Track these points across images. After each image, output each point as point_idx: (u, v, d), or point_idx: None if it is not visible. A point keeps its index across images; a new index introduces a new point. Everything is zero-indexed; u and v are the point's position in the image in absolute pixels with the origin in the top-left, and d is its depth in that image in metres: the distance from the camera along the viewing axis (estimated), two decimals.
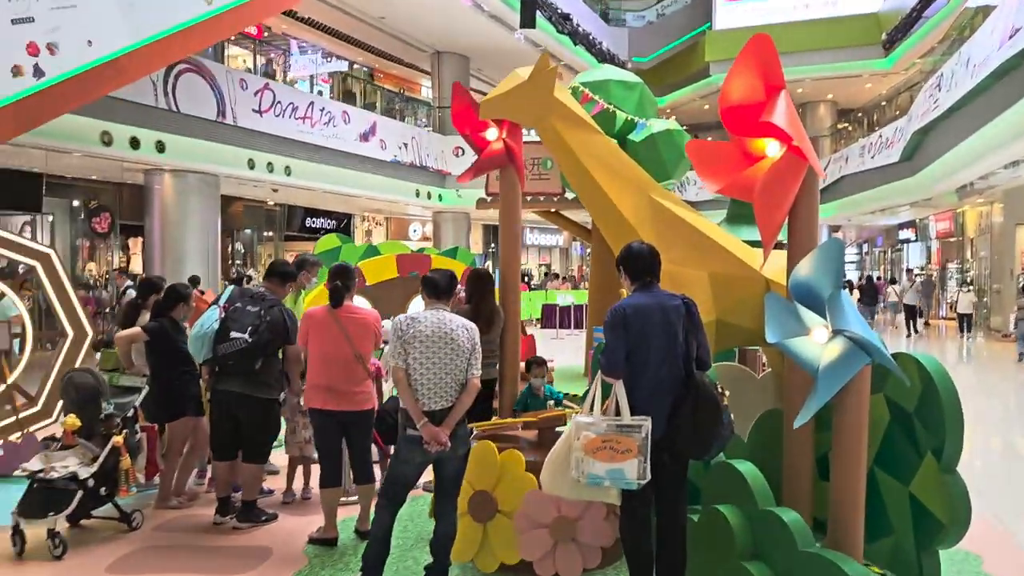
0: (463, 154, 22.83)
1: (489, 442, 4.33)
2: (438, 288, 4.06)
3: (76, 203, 18.00)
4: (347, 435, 4.88)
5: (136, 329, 5.59)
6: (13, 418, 6.05)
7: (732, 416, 3.77)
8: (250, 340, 4.95)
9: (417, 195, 21.76)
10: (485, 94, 5.04)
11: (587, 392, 3.91)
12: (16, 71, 8.96)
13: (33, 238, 16.62)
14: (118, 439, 4.93)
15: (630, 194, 4.90)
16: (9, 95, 8.78)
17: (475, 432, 4.45)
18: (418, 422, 3.78)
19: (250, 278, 17.10)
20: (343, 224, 25.76)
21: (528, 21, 18.99)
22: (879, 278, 28.14)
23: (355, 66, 25.19)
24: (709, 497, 3.92)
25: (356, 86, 23.40)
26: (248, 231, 23.27)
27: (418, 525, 5.18)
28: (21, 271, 9.22)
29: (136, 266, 18.55)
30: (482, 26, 20.86)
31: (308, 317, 4.83)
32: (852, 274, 33.12)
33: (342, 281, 4.83)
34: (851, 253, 36.63)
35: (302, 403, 5.29)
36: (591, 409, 3.71)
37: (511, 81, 4.82)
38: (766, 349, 5.50)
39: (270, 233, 23.93)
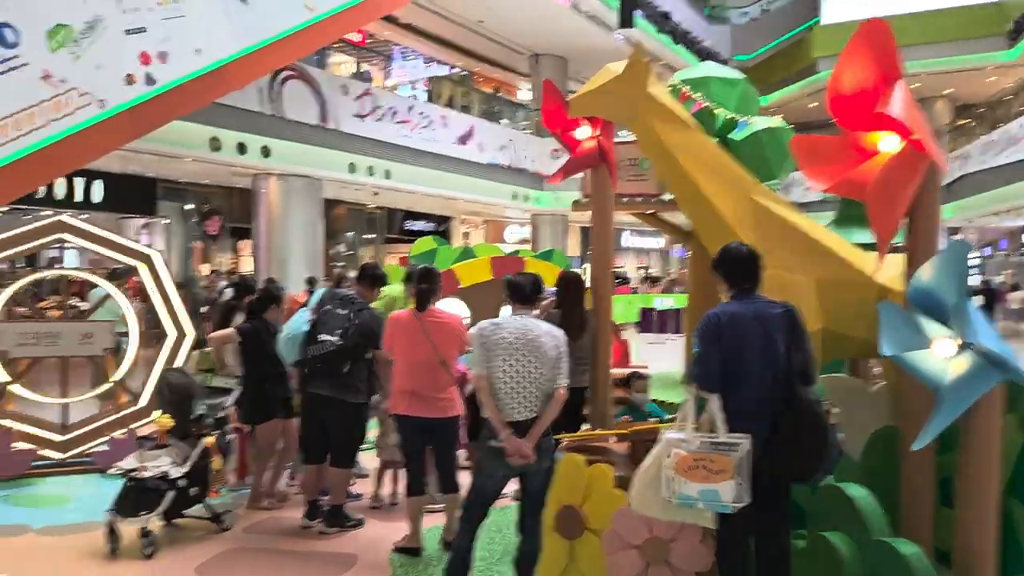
0: (560, 156, 22.69)
1: (576, 455, 4.12)
2: (522, 292, 3.89)
3: (189, 207, 18.83)
4: (431, 442, 4.78)
5: (229, 330, 5.67)
6: (118, 415, 6.26)
7: (841, 435, 3.44)
8: (339, 343, 4.93)
9: (514, 197, 21.74)
10: None
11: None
12: (129, 79, 9.34)
13: (150, 241, 17.52)
14: (209, 440, 4.99)
15: (730, 195, 4.61)
16: (123, 102, 9.15)
17: (563, 443, 4.26)
18: (500, 433, 3.62)
19: (349, 279, 17.42)
20: (442, 227, 26.03)
21: (627, 20, 18.67)
22: (1002, 283, 26.29)
23: (454, 70, 25.42)
24: (816, 522, 3.60)
25: (454, 89, 23.59)
26: (350, 234, 23.78)
27: (505, 537, 5.02)
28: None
29: (246, 267, 19.24)
30: (580, 27, 20.63)
31: (393, 321, 4.76)
32: (972, 279, 31.11)
33: (427, 284, 4.73)
34: (972, 257, 34.43)
35: None
36: (683, 424, 3.45)
37: (602, 76, 4.61)
38: (880, 361, 5.09)
39: (371, 235, 24.41)
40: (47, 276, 7.29)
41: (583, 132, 5.12)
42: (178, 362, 6.31)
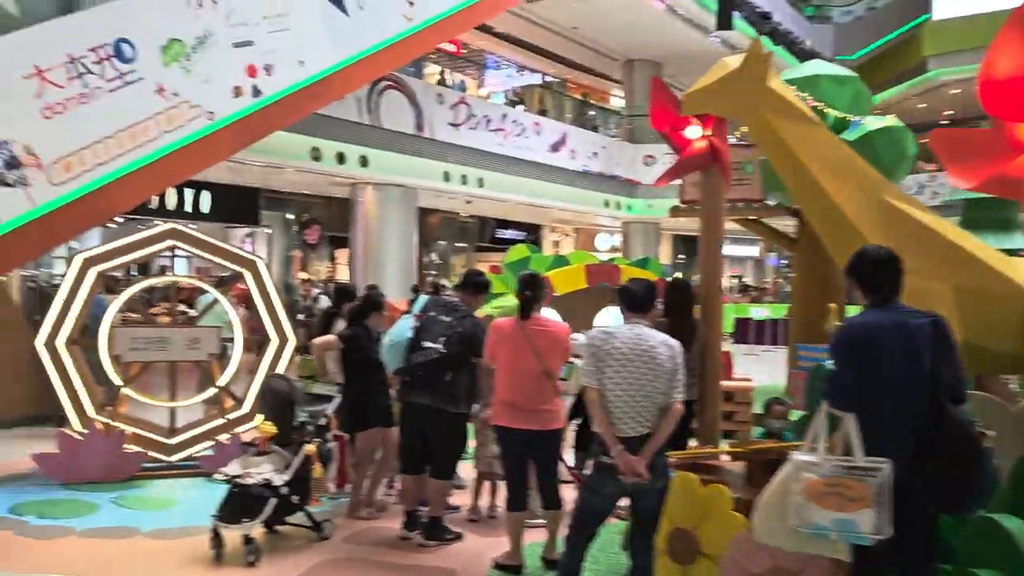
0: (654, 163, 22.25)
1: (691, 474, 3.87)
2: (636, 300, 3.67)
3: (290, 216, 19.35)
4: (533, 455, 4.60)
5: (331, 337, 5.65)
6: (223, 420, 6.35)
7: (997, 461, 3.09)
8: (442, 350, 4.83)
9: (606, 205, 21.45)
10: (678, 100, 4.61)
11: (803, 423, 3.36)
12: (237, 92, 9.59)
13: (253, 249, 18.09)
14: (310, 448, 4.96)
15: (858, 195, 4.28)
16: (231, 114, 9.40)
17: (671, 460, 4.01)
18: (612, 449, 3.41)
19: (444, 287, 17.49)
20: (532, 235, 25.96)
21: (725, 23, 18.16)
22: None
23: (546, 78, 25.35)
24: (964, 557, 3.24)
25: (547, 97, 23.50)
26: (442, 242, 23.98)
27: (610, 557, 4.79)
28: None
29: (342, 276, 19.62)
30: (675, 31, 20.24)
31: (495, 329, 4.61)
32: None
33: (531, 291, 4.57)
34: None
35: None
36: (814, 446, 3.16)
37: (718, 71, 4.36)
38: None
39: (463, 244, 24.55)
40: (159, 283, 7.53)
41: (693, 131, 4.87)
42: (280, 368, 6.35)
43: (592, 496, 3.59)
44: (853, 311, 3.89)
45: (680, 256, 30.30)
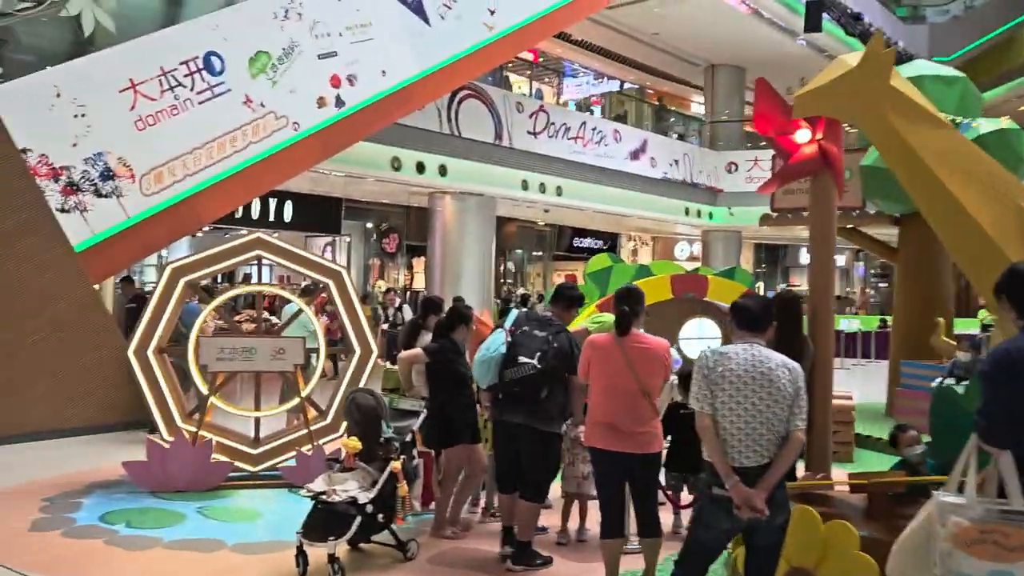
0: (736, 170, 21.67)
1: (811, 509, 3.55)
2: (752, 317, 3.37)
3: (369, 225, 19.53)
4: (631, 480, 4.33)
5: (417, 350, 5.51)
6: (305, 430, 6.28)
7: None
8: (538, 366, 4.63)
9: (687, 213, 20.95)
10: None
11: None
12: (321, 102, 9.64)
13: (333, 258, 18.32)
14: (396, 465, 4.81)
15: (991, 201, 3.89)
16: (315, 124, 9.45)
17: None
18: (727, 481, 3.13)
19: (528, 298, 17.36)
20: (609, 244, 25.60)
21: (814, 25, 17.50)
22: None
23: (625, 85, 25.00)
24: None
25: (627, 104, 23.17)
26: (519, 251, 23.88)
27: None
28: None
29: (419, 284, 19.69)
30: (760, 34, 19.63)
31: (591, 345, 4.38)
32: None
33: (629, 306, 4.31)
34: None
35: (582, 436, 4.83)
36: (961, 486, 2.82)
37: (835, 70, 4.03)
38: None
39: (539, 253, 24.39)
40: (245, 292, 7.56)
41: (803, 135, 4.53)
42: (362, 380, 6.25)
43: (704, 531, 3.30)
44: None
45: (762, 266, 29.44)
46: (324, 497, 4.61)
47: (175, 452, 5.88)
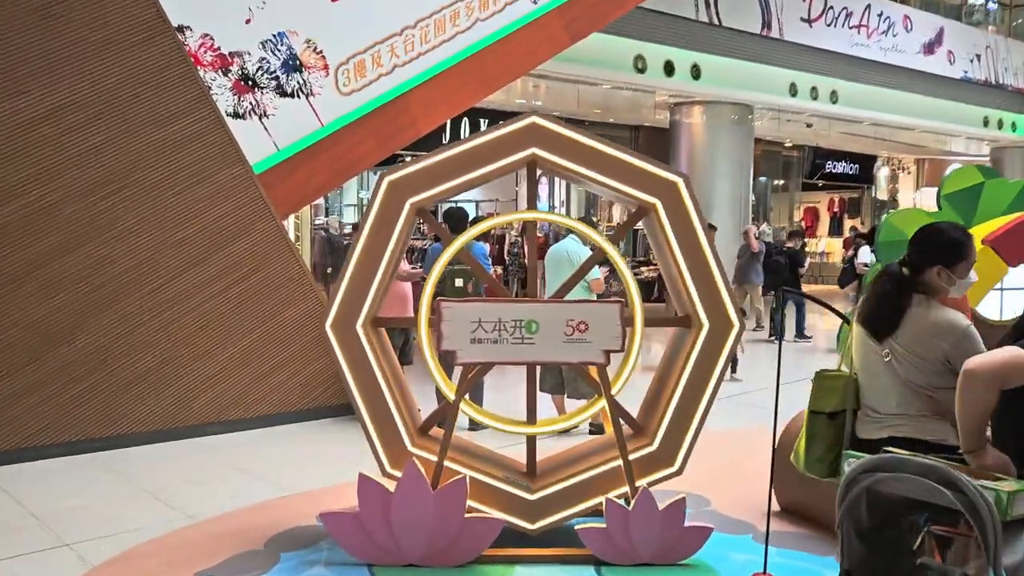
0: None
1: None
2: None
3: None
4: None
5: None
6: (616, 460, 3.71)
7: None
8: None
9: (985, 124, 16.45)
10: None
11: None
12: None
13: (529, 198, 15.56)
14: None
15: None
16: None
17: None
18: None
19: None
20: (866, 170, 21.31)
21: None
22: None
23: None
24: None
25: None
26: (762, 179, 20.22)
27: None
28: None
29: None
30: None
31: None
32: None
33: None
34: None
35: None
36: None
37: None
38: None
39: (783, 181, 20.66)
40: (512, 221, 4.94)
41: None
42: (713, 375, 3.42)
43: None
44: None
45: None
46: None
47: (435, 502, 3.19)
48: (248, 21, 5.53)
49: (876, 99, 13.83)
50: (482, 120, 12.92)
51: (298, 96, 5.78)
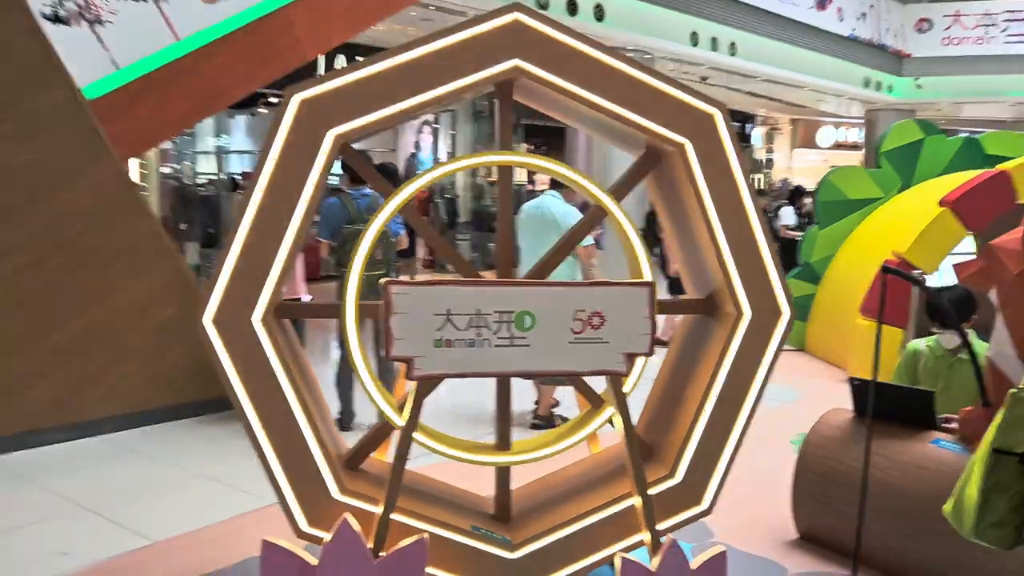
0: (929, 28, 17.08)
1: None
2: None
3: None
4: None
5: None
6: (635, 498, 2.78)
7: None
8: None
9: (866, 85, 16.55)
10: None
11: None
12: None
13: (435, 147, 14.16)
14: None
15: None
16: None
17: None
18: None
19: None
20: (739, 127, 21.34)
21: None
22: None
23: None
24: None
25: None
26: None
27: None
28: None
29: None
30: None
31: None
32: None
33: None
34: None
35: None
36: None
37: None
38: None
39: None
40: (489, 163, 3.64)
41: None
42: (754, 389, 2.48)
43: None
44: None
45: None
46: None
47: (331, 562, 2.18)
48: None
49: (773, 53, 13.47)
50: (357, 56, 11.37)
51: (147, 0, 4.41)
